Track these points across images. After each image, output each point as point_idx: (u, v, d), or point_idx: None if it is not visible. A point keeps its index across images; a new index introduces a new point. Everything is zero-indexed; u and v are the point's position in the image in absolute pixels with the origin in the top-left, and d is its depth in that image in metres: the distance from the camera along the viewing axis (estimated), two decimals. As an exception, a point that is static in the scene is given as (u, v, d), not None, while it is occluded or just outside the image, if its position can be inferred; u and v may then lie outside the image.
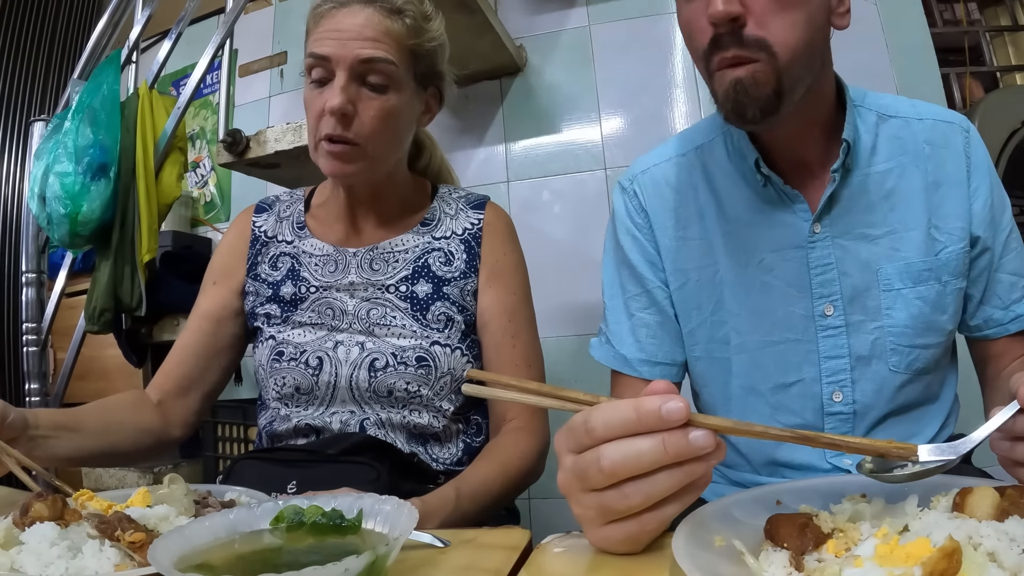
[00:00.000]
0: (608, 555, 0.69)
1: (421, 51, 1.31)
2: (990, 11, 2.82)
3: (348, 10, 1.25)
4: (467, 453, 1.36)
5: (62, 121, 2.16)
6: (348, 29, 1.24)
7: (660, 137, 2.49)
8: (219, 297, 1.45)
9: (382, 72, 1.25)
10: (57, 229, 2.10)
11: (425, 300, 1.35)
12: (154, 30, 2.70)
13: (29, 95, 3.50)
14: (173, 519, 0.86)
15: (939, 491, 0.68)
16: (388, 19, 1.26)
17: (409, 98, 1.32)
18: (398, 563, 0.68)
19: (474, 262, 1.39)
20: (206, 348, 1.43)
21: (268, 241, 1.46)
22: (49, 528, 0.79)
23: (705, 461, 0.61)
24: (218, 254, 1.51)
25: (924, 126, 1.11)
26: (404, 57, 1.28)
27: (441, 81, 1.41)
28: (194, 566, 0.64)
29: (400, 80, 1.28)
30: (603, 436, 0.62)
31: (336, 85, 1.24)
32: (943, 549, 0.50)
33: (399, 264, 1.38)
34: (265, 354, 1.37)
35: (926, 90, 2.38)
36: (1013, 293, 1.12)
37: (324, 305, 1.37)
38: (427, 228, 1.42)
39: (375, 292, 1.36)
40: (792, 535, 0.63)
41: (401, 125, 1.34)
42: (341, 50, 1.23)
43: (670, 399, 0.60)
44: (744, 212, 1.14)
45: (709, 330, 1.18)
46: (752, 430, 0.64)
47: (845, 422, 1.11)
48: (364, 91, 1.26)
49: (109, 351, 2.59)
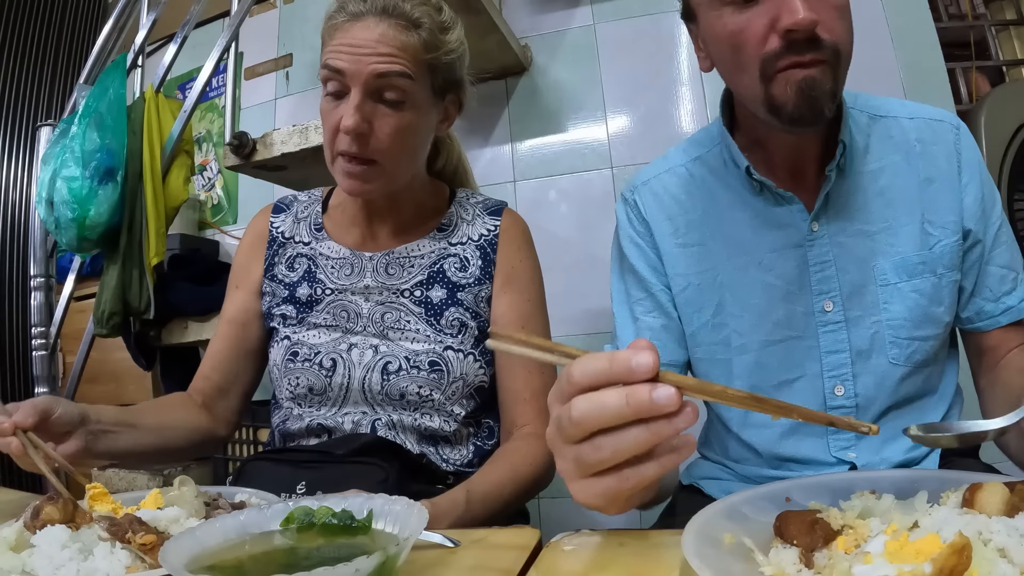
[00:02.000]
0: (618, 553, 0.69)
1: (439, 64, 1.29)
2: (995, 5, 2.81)
3: (363, 24, 1.23)
4: (478, 455, 1.36)
5: (69, 126, 2.17)
6: (363, 44, 1.22)
7: (666, 135, 2.50)
8: (241, 301, 1.47)
9: (398, 87, 1.24)
10: (65, 233, 2.11)
11: (439, 305, 1.35)
12: (160, 34, 2.71)
13: (35, 100, 3.51)
14: (184, 521, 0.87)
15: (949, 487, 0.68)
16: (404, 33, 1.23)
17: (427, 111, 1.31)
18: (408, 563, 0.68)
19: (489, 268, 1.39)
20: (236, 352, 1.45)
21: (285, 242, 1.46)
22: (60, 531, 0.79)
23: (670, 421, 0.60)
24: (238, 256, 1.52)
25: (915, 124, 1.14)
26: (421, 71, 1.26)
27: (460, 89, 1.39)
28: (205, 568, 0.65)
29: (417, 95, 1.27)
30: (579, 385, 0.62)
31: (351, 103, 1.22)
32: (953, 545, 0.50)
33: (415, 269, 1.38)
34: (280, 354, 1.38)
35: (931, 85, 2.37)
36: (1003, 285, 1.14)
37: (339, 308, 1.37)
38: (443, 233, 1.42)
39: (390, 296, 1.36)
40: (802, 532, 0.63)
41: (419, 139, 1.33)
42: (355, 65, 1.21)
43: (641, 352, 0.60)
44: (742, 217, 1.16)
45: (710, 333, 1.19)
46: (711, 390, 0.63)
47: (848, 415, 1.11)
48: (380, 107, 1.24)
49: (118, 354, 2.60)
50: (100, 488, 0.93)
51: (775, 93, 0.99)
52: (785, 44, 0.96)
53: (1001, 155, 2.29)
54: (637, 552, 0.70)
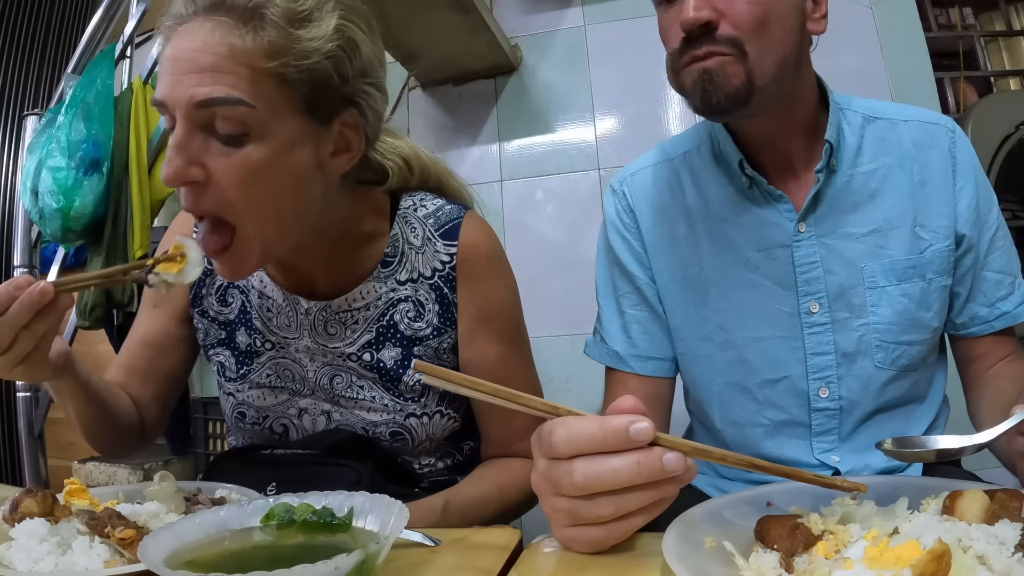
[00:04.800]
0: (599, 556, 0.69)
1: (293, 75, 0.91)
2: (985, 16, 2.84)
3: (186, 28, 0.90)
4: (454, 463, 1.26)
5: (55, 115, 2.16)
6: (183, 57, 0.89)
7: (654, 137, 2.49)
8: (160, 323, 1.24)
9: (230, 118, 0.89)
10: (49, 224, 2.10)
11: (395, 368, 1.14)
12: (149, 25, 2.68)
13: (22, 89, 3.49)
14: (164, 516, 0.87)
15: (929, 494, 0.68)
16: (233, 35, 0.88)
17: (289, 142, 0.93)
18: (388, 562, 0.67)
19: (449, 312, 1.14)
20: (150, 374, 1.24)
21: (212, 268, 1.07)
22: (39, 524, 0.79)
23: (676, 481, 0.64)
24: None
25: (910, 127, 1.14)
26: (264, 88, 0.90)
27: (354, 104, 1.00)
28: (184, 563, 0.64)
29: (263, 121, 0.91)
30: (567, 452, 0.65)
31: (171, 142, 0.90)
32: (933, 551, 0.50)
33: (359, 326, 1.14)
34: (227, 408, 1.24)
35: (920, 94, 2.39)
36: (999, 291, 1.13)
37: (281, 367, 1.18)
38: (389, 269, 1.14)
39: (335, 359, 1.15)
40: (782, 536, 0.63)
41: (283, 184, 0.95)
42: (174, 89, 0.89)
43: (637, 420, 0.63)
44: (730, 213, 1.16)
45: (694, 327, 1.20)
46: (711, 454, 0.67)
47: (832, 418, 1.13)
48: (214, 144, 0.90)
49: (101, 347, 2.59)
50: (77, 484, 0.93)
51: (683, 85, 1.04)
52: (684, 39, 1.00)
53: (987, 165, 2.31)
54: (617, 554, 0.70)
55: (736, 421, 1.19)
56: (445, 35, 2.41)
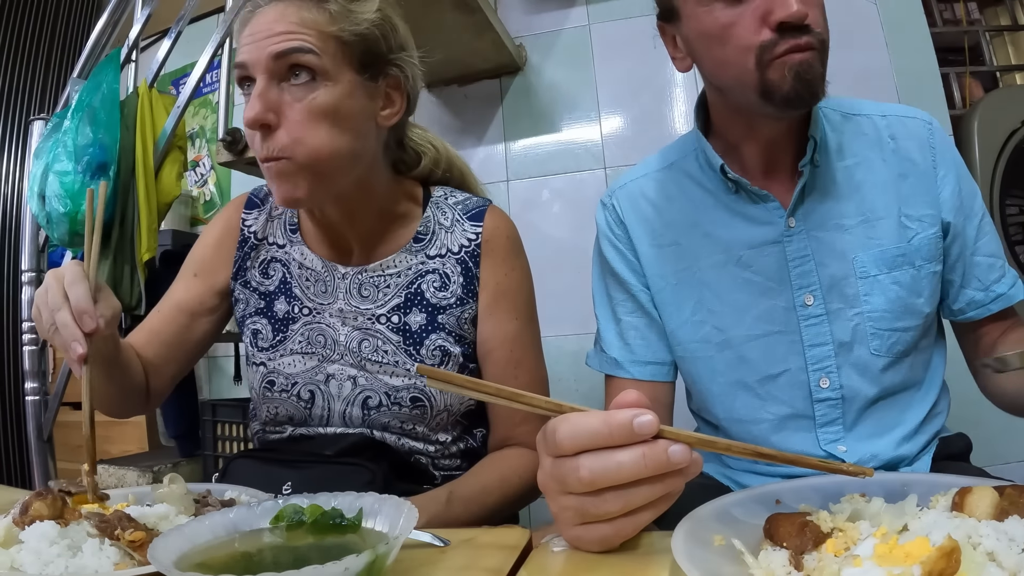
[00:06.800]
0: (608, 555, 0.69)
1: (350, 37, 1.14)
2: (990, 11, 2.82)
3: (263, 11, 1.14)
4: (467, 460, 1.32)
5: (62, 120, 2.16)
6: (260, 30, 1.11)
7: (659, 136, 2.50)
8: (197, 292, 1.35)
9: (302, 64, 1.10)
10: (56, 228, 2.10)
11: (419, 333, 1.25)
12: (154, 29, 2.70)
13: (28, 94, 3.50)
14: (173, 518, 0.87)
15: (938, 490, 0.68)
16: (303, 9, 1.12)
17: (349, 90, 1.15)
18: (397, 562, 0.68)
19: (472, 285, 1.27)
20: (176, 339, 1.34)
21: (258, 244, 1.35)
22: (49, 527, 0.79)
23: (682, 474, 0.65)
24: (201, 246, 1.39)
25: (888, 122, 1.18)
26: (329, 45, 1.12)
27: (396, 68, 1.22)
28: (194, 565, 0.64)
29: (330, 70, 1.12)
30: (571, 448, 0.65)
31: (254, 92, 1.11)
32: (942, 548, 0.50)
33: (390, 290, 1.27)
34: (256, 380, 1.31)
35: (926, 89, 2.39)
36: (991, 274, 1.17)
37: (315, 331, 1.28)
38: (420, 245, 1.28)
39: (365, 322, 1.26)
40: (791, 534, 0.63)
41: (343, 121, 1.15)
42: (254, 53, 1.11)
43: (641, 413, 0.63)
44: (719, 216, 1.19)
45: (691, 330, 1.21)
46: (716, 445, 0.67)
47: (835, 407, 1.15)
48: (288, 90, 1.11)
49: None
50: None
51: (772, 78, 1.02)
52: (780, 33, 1.00)
53: (994, 160, 2.30)
54: (627, 553, 0.70)
55: (741, 419, 1.20)
56: (450, 35, 2.42)
